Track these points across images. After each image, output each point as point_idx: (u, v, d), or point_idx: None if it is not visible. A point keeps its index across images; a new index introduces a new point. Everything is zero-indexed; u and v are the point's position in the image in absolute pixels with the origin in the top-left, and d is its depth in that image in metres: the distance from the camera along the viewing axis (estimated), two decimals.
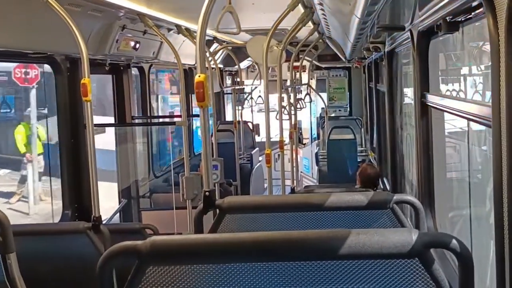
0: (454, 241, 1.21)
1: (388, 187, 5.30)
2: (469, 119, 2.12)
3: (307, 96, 9.95)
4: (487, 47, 2.16)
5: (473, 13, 2.06)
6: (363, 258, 1.24)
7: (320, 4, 3.43)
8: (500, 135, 1.43)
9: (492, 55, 1.47)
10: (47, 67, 4.69)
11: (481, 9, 1.88)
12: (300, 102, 9.31)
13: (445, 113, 2.86)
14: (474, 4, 1.86)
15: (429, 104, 2.79)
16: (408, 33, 3.07)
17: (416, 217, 2.01)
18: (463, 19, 2.20)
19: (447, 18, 2.21)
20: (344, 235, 1.25)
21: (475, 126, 2.72)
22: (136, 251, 1.24)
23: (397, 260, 1.22)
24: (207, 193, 2.10)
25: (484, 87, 2.74)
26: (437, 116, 2.95)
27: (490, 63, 1.51)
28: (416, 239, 1.20)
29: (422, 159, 2.89)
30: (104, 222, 3.22)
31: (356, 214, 2.00)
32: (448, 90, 3.38)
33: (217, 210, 2.02)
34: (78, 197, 4.50)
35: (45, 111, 9.31)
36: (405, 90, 4.76)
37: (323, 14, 3.91)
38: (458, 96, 3.13)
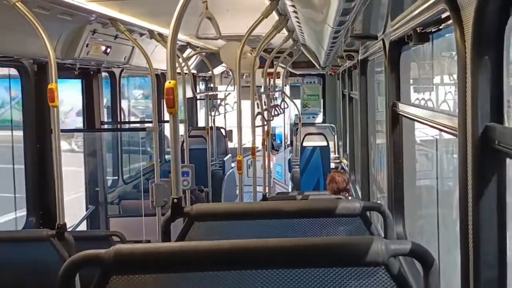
0: (419, 248, 1.21)
1: (359, 195, 5.35)
2: (438, 129, 2.14)
3: (283, 103, 9.99)
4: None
5: (442, 25, 2.09)
6: (330, 266, 1.23)
7: (294, 12, 3.45)
8: (466, 146, 1.45)
9: (459, 66, 1.49)
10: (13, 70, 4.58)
11: (449, 21, 1.91)
12: (276, 108, 9.34)
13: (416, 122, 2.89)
14: (444, 16, 1.89)
15: (400, 113, 2.82)
16: (381, 42, 3.11)
17: (385, 224, 2.02)
18: (433, 30, 2.23)
19: (418, 29, 2.24)
20: (310, 243, 1.24)
21: (445, 135, 2.76)
22: (99, 260, 1.21)
23: (364, 268, 1.22)
24: (175, 200, 2.07)
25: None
26: (408, 124, 2.99)
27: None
28: (381, 247, 1.20)
29: (393, 167, 2.91)
30: (70, 229, 3.15)
31: (326, 222, 2.00)
32: (417, 99, 3.43)
33: (186, 218, 1.99)
34: (43, 204, 4.40)
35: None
36: (378, 98, 4.81)
37: (297, 21, 3.93)
38: (426, 104, 3.17)
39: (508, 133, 1.29)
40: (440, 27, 2.12)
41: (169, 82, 2.13)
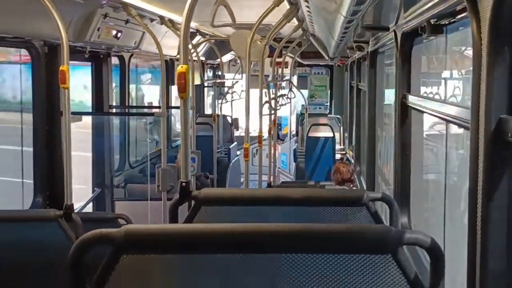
0: (426, 238, 1.22)
1: (364, 186, 5.35)
2: (448, 121, 2.14)
3: (290, 92, 9.97)
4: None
5: (457, 17, 2.08)
6: (336, 252, 1.24)
7: (306, 1, 3.43)
8: (478, 138, 1.45)
9: (474, 58, 1.49)
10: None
11: (465, 13, 1.90)
12: (282, 98, 9.32)
13: (425, 115, 2.89)
14: (459, 8, 1.88)
15: (410, 105, 2.82)
16: (392, 33, 3.09)
17: (390, 215, 2.02)
18: (447, 22, 2.22)
19: (432, 20, 2.23)
20: (317, 228, 1.25)
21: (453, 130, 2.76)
22: (110, 239, 1.23)
23: (370, 256, 1.23)
24: (183, 183, 2.08)
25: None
26: (417, 117, 2.98)
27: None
28: (389, 236, 1.21)
29: (400, 158, 2.92)
30: (77, 210, 3.17)
31: (331, 210, 2.00)
32: (425, 92, 3.42)
33: (193, 202, 2.00)
34: (50, 185, 4.43)
35: None
36: (386, 90, 4.80)
37: (308, 11, 3.91)
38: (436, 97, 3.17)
39: None
40: (455, 19, 2.11)
41: (181, 67, 2.13)
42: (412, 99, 2.79)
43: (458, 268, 2.19)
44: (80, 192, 5.74)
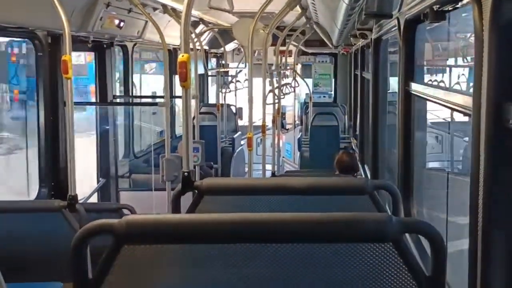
0: (427, 227, 1.22)
1: (368, 175, 5.34)
2: (451, 108, 2.13)
3: (294, 81, 9.93)
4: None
5: (460, 3, 2.06)
6: (337, 242, 1.24)
7: None
8: (479, 125, 1.44)
9: (476, 45, 1.47)
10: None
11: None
12: (286, 87, 9.28)
13: (428, 104, 2.87)
14: None
15: (413, 92, 2.80)
16: (395, 20, 3.07)
17: (393, 203, 2.02)
18: (450, 8, 2.19)
19: (434, 7, 2.21)
20: (317, 218, 1.25)
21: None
22: (112, 229, 1.23)
23: (371, 244, 1.23)
24: (186, 173, 2.08)
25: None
26: (420, 105, 2.97)
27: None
28: (390, 224, 1.20)
29: (403, 146, 2.91)
30: (81, 201, 3.18)
31: (335, 199, 2.00)
32: (430, 80, 3.40)
33: (196, 192, 2.00)
34: (55, 175, 4.45)
35: None
36: (390, 78, 4.77)
37: None
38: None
39: None
40: (457, 5, 2.09)
41: (182, 56, 2.12)
42: (415, 87, 2.78)
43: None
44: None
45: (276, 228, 1.26)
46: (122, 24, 5.18)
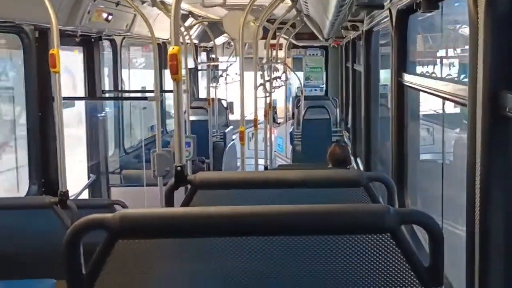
0: (425, 217, 1.21)
1: (361, 167, 5.35)
2: (445, 98, 2.12)
3: (284, 74, 9.90)
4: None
5: None
6: (334, 233, 1.23)
7: None
8: (475, 113, 1.43)
9: (471, 34, 1.46)
10: None
11: None
12: (276, 80, 9.26)
13: (421, 94, 2.86)
14: None
15: (406, 83, 2.79)
16: (387, 11, 3.05)
17: (388, 195, 2.01)
18: None
19: None
20: (314, 210, 1.23)
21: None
22: (105, 224, 1.21)
23: (369, 236, 1.22)
24: (178, 168, 2.06)
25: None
26: (413, 95, 2.96)
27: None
28: (388, 215, 1.19)
29: (397, 138, 2.90)
30: (73, 197, 3.14)
31: (329, 192, 1.99)
32: (422, 72, 3.39)
33: (189, 186, 1.98)
34: (45, 171, 4.40)
35: None
36: (382, 70, 4.77)
37: None
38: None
39: None
40: None
41: (173, 48, 2.09)
42: (408, 78, 2.77)
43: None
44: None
45: (272, 221, 1.24)
46: (110, 17, 5.12)
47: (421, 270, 1.21)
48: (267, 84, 6.42)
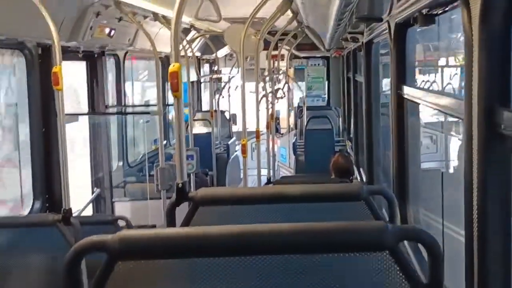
0: (424, 234, 1.21)
1: (364, 178, 5.34)
2: (443, 112, 2.13)
3: (286, 86, 9.93)
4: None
5: (449, 6, 2.06)
6: (335, 251, 1.23)
7: None
8: (471, 130, 1.44)
9: (466, 49, 1.47)
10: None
11: (456, 3, 1.88)
12: (279, 91, 9.27)
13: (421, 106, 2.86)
14: None
15: (405, 96, 2.80)
16: (386, 24, 3.07)
17: (389, 209, 2.01)
18: (439, 12, 2.20)
19: (423, 10, 2.21)
20: (314, 228, 1.23)
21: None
22: (104, 246, 1.21)
23: (367, 253, 1.22)
24: (180, 184, 2.07)
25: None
26: (413, 107, 2.97)
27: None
28: (386, 232, 1.19)
29: (397, 150, 2.90)
30: (76, 213, 3.15)
31: (330, 206, 1.99)
32: (423, 81, 3.40)
33: (191, 202, 1.98)
34: (49, 188, 4.41)
35: None
36: (383, 81, 4.78)
37: (302, 2, 3.88)
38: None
39: None
40: (446, 9, 2.09)
41: (173, 66, 2.11)
42: (407, 90, 2.78)
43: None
44: None
45: (270, 240, 1.25)
46: (112, 32, 5.16)
47: (420, 287, 1.21)
48: (270, 95, 6.44)
